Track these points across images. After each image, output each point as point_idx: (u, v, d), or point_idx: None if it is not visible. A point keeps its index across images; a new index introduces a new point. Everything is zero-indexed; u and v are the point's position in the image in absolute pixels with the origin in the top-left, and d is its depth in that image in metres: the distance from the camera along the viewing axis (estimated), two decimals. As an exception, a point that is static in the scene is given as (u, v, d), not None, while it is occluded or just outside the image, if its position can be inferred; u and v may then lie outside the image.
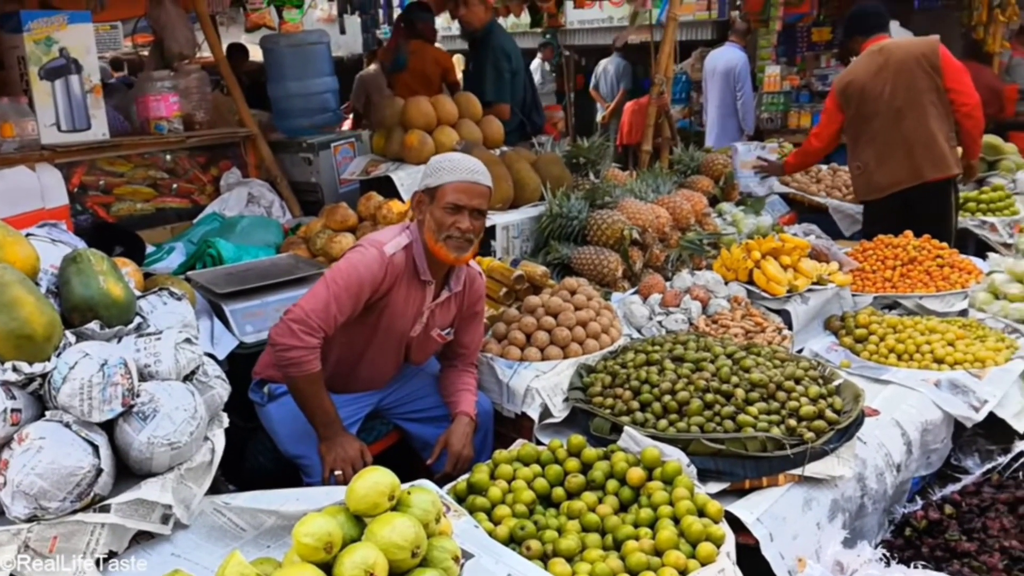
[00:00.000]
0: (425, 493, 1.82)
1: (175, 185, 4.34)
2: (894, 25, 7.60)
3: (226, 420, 2.18)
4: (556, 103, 11.10)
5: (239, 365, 3.01)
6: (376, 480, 1.74)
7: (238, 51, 7.21)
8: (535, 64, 11.49)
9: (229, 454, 2.25)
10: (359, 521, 1.76)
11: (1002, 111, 8.60)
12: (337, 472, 2.51)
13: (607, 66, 10.91)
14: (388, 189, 4.08)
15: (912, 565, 2.33)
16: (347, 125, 6.54)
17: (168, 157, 4.34)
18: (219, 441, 2.08)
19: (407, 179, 4.09)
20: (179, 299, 2.25)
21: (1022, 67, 10.14)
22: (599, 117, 11.17)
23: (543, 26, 10.32)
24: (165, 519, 1.90)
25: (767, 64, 9.59)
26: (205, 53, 5.01)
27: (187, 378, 2.02)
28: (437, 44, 6.88)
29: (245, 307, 3.09)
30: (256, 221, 3.98)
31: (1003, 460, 2.90)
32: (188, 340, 2.05)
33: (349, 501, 1.75)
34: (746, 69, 8.24)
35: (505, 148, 4.66)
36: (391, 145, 4.35)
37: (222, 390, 2.13)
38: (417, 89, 5.19)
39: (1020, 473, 2.78)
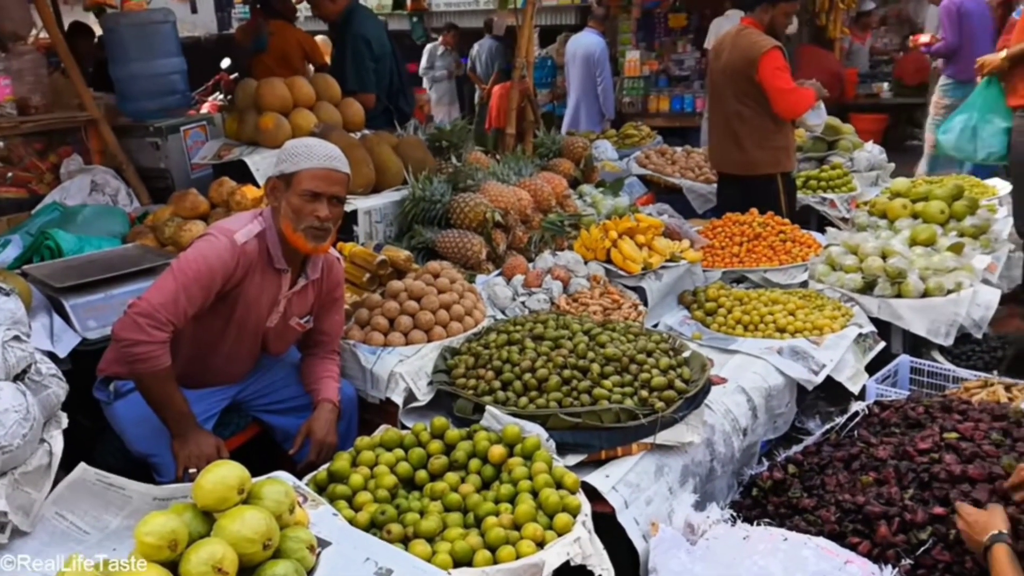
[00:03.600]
0: (278, 484, 1.80)
1: (9, 174, 4.08)
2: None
3: (65, 420, 2.07)
4: (421, 87, 11.03)
5: (84, 363, 2.86)
6: (224, 474, 1.70)
7: (82, 32, 6.75)
8: (430, 47, 11.27)
9: (77, 456, 2.14)
10: (208, 517, 1.72)
11: (843, 94, 9.20)
12: (192, 470, 2.42)
13: (481, 48, 10.93)
14: (243, 174, 3.95)
15: (756, 523, 2.48)
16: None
17: (1, 144, 4.06)
18: (57, 443, 1.97)
19: (262, 163, 3.97)
20: (7, 295, 2.12)
21: (861, 53, 10.88)
22: (476, 98, 11.18)
23: (406, 9, 10.21)
24: (1, 527, 1.79)
25: (627, 49, 9.88)
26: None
27: (18, 378, 1.91)
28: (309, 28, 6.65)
29: (87, 301, 2.93)
30: (99, 210, 3.77)
31: (840, 420, 3.11)
32: (17, 337, 1.93)
33: (196, 497, 1.70)
34: (605, 54, 8.43)
35: (366, 131, 4.59)
36: (245, 128, 4.20)
37: (58, 389, 2.02)
38: (279, 71, 5.00)
39: (855, 432, 2.99)
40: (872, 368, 3.61)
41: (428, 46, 11.28)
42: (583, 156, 5.18)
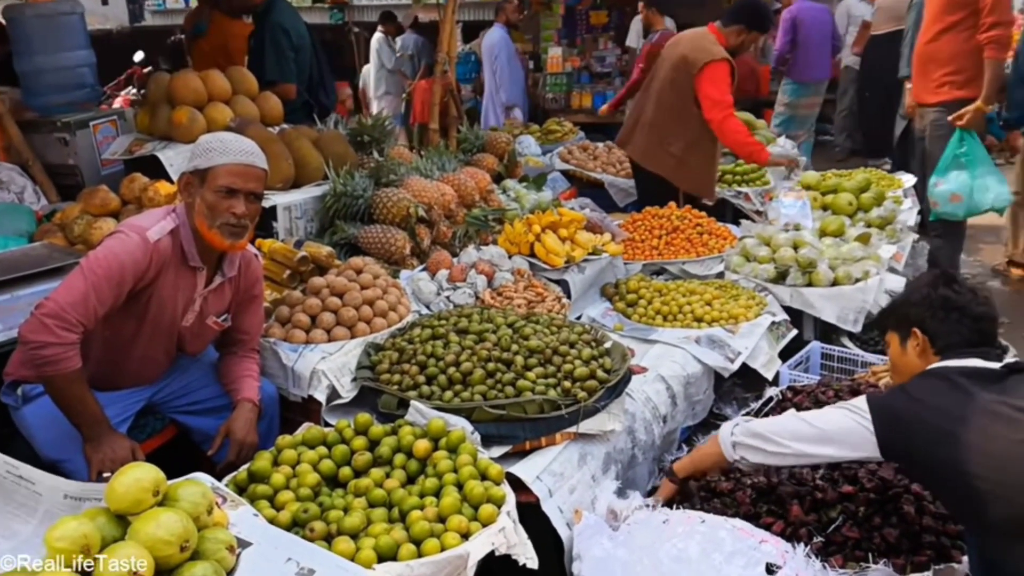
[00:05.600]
0: (195, 486, 1.76)
1: (-94, 172, 3.87)
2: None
3: (-32, 427, 1.99)
4: (344, 79, 10.87)
5: (-11, 367, 2.74)
6: (137, 476, 1.65)
7: None
8: (378, 37, 11.01)
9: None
10: (123, 521, 1.67)
11: (759, 90, 9.46)
12: (106, 474, 2.35)
13: (405, 43, 10.81)
14: (155, 170, 3.84)
15: (676, 507, 2.54)
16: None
17: None
18: (-41, 451, 1.89)
19: (176, 159, 3.87)
20: (-99, 297, 2.02)
21: (774, 50, 11.16)
22: (403, 93, 11.07)
23: (327, 2, 10.06)
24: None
25: (550, 46, 9.97)
26: None
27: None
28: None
29: (-9, 303, 2.81)
30: (4, 208, 3.63)
31: (755, 406, 3.22)
32: (-87, 342, 1.84)
33: (109, 500, 1.65)
34: (501, 44, 8.59)
35: (285, 125, 4.52)
36: (157, 122, 4.09)
37: (-40, 395, 1.94)
38: (218, 61, 4.89)
39: (770, 416, 3.09)
40: (785, 355, 3.74)
41: (376, 37, 11.02)
42: (506, 151, 5.21)
